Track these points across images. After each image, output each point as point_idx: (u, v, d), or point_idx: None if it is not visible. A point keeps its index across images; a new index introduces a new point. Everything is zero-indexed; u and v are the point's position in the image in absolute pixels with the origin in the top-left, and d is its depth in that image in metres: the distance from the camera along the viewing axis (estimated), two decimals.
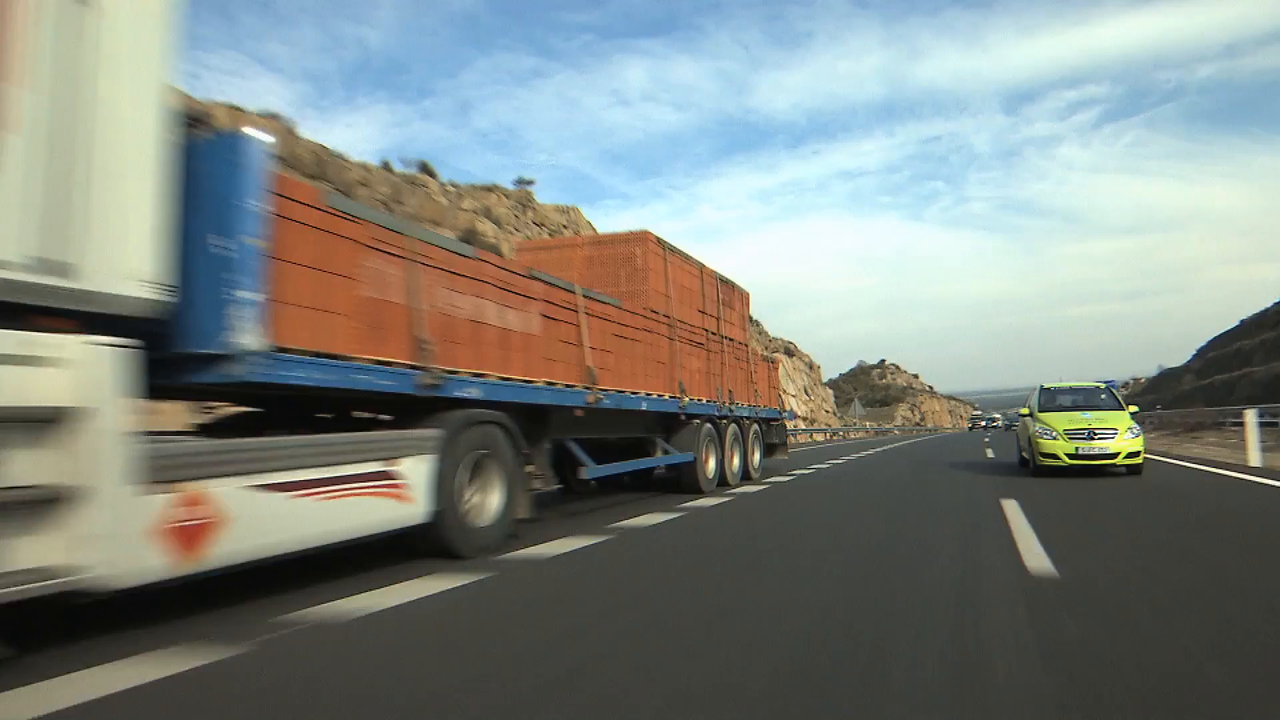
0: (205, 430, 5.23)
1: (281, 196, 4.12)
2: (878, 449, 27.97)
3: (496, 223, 22.45)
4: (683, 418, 10.20)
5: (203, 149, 3.83)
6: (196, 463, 3.58)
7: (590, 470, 7.81)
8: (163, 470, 3.36)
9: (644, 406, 8.95)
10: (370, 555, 5.32)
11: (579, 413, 7.55)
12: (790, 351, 45.37)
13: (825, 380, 60.69)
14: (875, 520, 7.78)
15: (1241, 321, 66.69)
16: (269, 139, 4.00)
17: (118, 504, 3.16)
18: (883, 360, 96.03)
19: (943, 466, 15.88)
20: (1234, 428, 23.31)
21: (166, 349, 3.74)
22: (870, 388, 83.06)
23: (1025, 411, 13.79)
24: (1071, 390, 14.34)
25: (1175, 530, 6.67)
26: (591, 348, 7.72)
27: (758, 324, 42.05)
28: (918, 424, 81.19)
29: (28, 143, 2.94)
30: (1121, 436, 11.90)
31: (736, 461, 11.94)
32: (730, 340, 12.56)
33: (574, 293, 7.56)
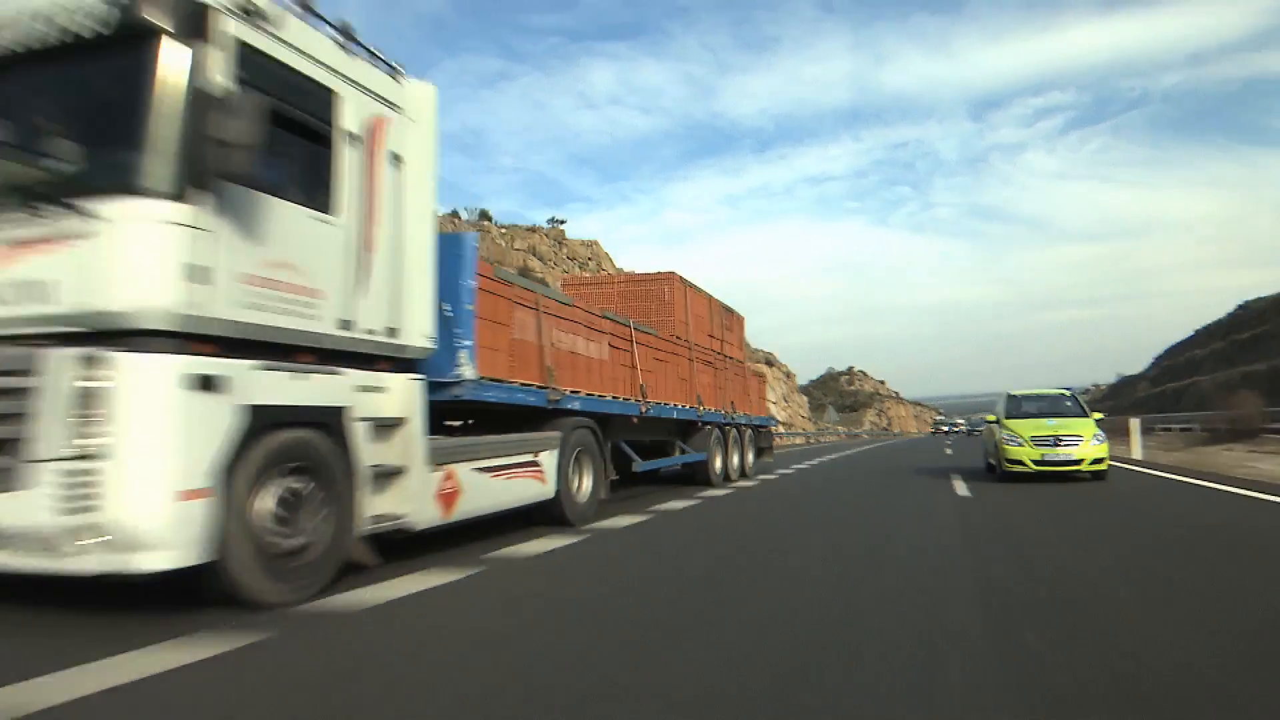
0: (447, 431, 7.04)
1: (479, 274, 6.12)
2: (852, 450, 30.63)
3: (540, 259, 24.85)
4: (699, 424, 12.22)
5: (441, 244, 5.78)
6: (451, 452, 5.55)
7: (639, 465, 9.84)
8: (437, 456, 5.35)
9: (674, 415, 10.98)
10: (503, 525, 7.29)
11: (634, 420, 9.57)
12: (770, 362, 47.91)
13: (798, 387, 63.27)
14: (865, 487, 10.33)
15: (1195, 331, 69.37)
16: (476, 234, 6.00)
17: (422, 477, 5.14)
18: (850, 367, 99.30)
19: (911, 460, 18.40)
20: (1163, 432, 26.47)
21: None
22: (840, 394, 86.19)
23: (992, 418, 14.01)
24: (1038, 397, 14.48)
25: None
26: (640, 369, 9.75)
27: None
28: (884, 429, 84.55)
29: (379, 258, 4.90)
30: (1086, 443, 12.18)
31: (736, 460, 13.99)
32: (731, 359, 14.65)
33: (629, 326, 9.59)
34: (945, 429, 72.76)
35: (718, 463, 12.88)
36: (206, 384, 3.64)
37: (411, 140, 5.22)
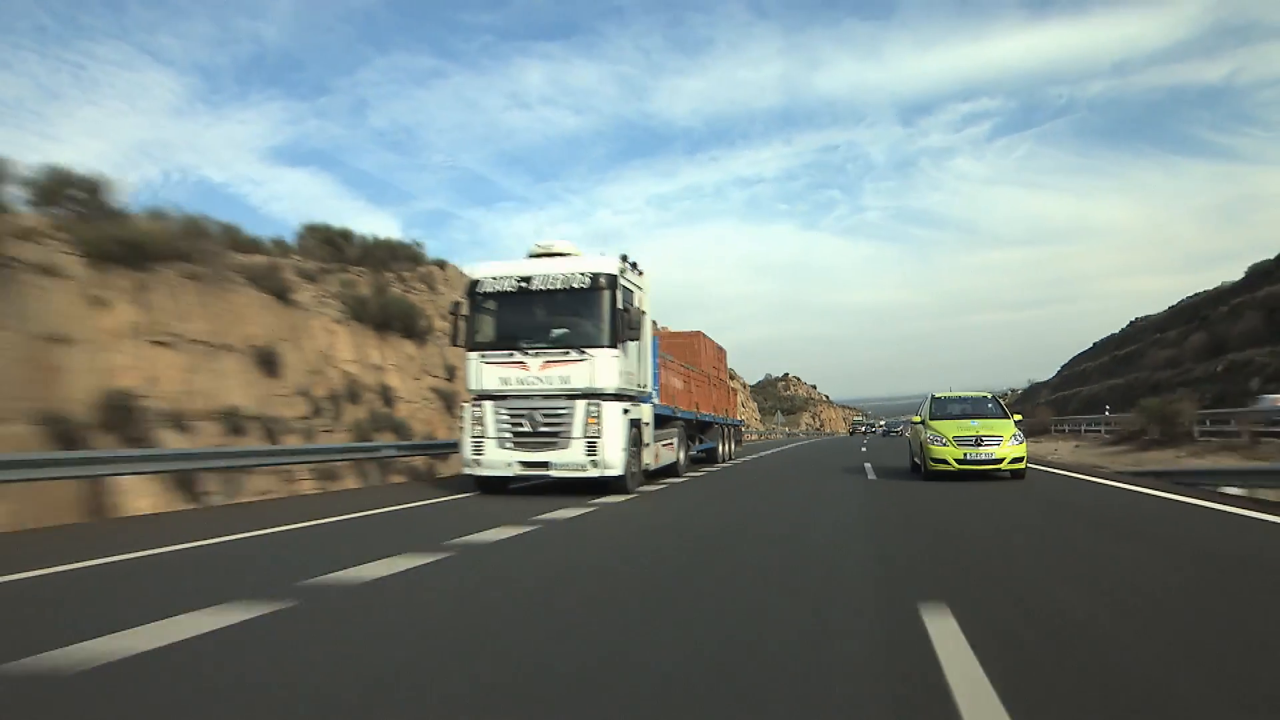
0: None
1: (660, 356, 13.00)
2: (792, 445, 38.98)
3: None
4: (712, 425, 19.20)
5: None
6: (655, 437, 12.41)
7: (695, 449, 16.77)
8: (652, 437, 12.21)
9: (705, 419, 17.92)
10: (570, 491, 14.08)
11: (694, 423, 16.46)
12: (732, 375, 55.84)
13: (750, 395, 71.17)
14: (807, 463, 17.55)
15: (1095, 343, 75.20)
16: (656, 340, 12.91)
17: (652, 447, 12.01)
18: (786, 374, 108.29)
19: (834, 451, 25.96)
20: (1088, 433, 34.10)
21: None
22: (778, 398, 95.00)
23: (917, 419, 14.65)
24: (961, 399, 14.86)
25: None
26: (694, 393, 16.67)
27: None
28: (818, 429, 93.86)
29: (644, 359, 11.75)
30: (1006, 443, 12.68)
31: (728, 448, 21.06)
32: (722, 380, 21.72)
33: (688, 369, 16.49)
34: (863, 430, 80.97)
35: (720, 449, 19.91)
36: (625, 411, 10.51)
37: (647, 302, 12.09)
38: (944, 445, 12.69)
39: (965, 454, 12.50)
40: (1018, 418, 13.98)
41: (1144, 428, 22.43)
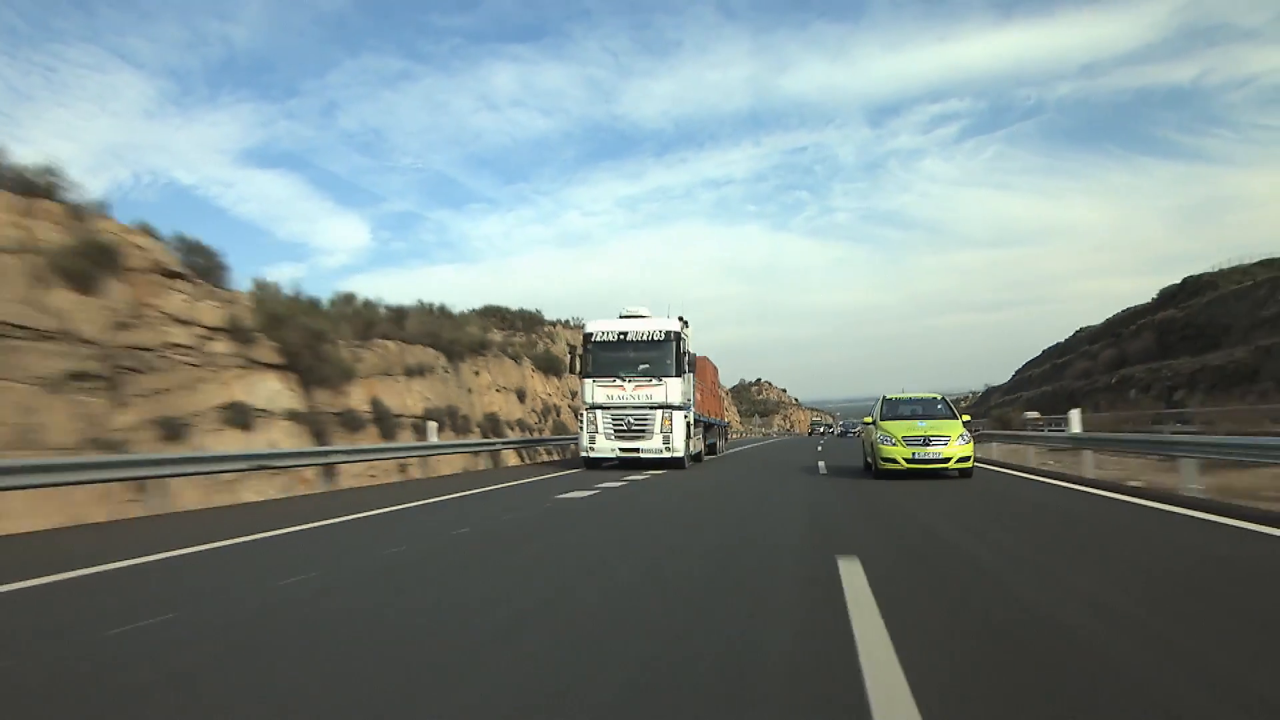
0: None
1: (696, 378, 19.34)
2: (766, 443, 46.63)
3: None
4: (714, 426, 25.48)
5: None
6: (694, 434, 18.74)
7: (728, 443, 23.21)
8: (696, 435, 18.53)
9: (712, 422, 24.20)
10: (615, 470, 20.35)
11: (706, 425, 22.76)
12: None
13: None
14: (777, 452, 24.56)
15: (1044, 350, 79.60)
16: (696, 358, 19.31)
17: (696, 439, 18.35)
18: (759, 379, 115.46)
19: (800, 444, 32.64)
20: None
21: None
22: (752, 402, 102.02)
23: (869, 420, 15.05)
24: (911, 401, 15.13)
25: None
26: (705, 402, 22.98)
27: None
28: (788, 430, 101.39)
29: (686, 381, 18.07)
30: (953, 443, 12.81)
31: (722, 443, 27.42)
32: (717, 392, 28.12)
33: (700, 384, 22.81)
34: (820, 431, 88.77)
35: (718, 444, 26.23)
36: (685, 417, 16.89)
37: (690, 343, 18.46)
38: (893, 445, 13.00)
39: (913, 453, 12.77)
40: (966, 418, 14.45)
41: (998, 427, 29.36)
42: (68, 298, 9.85)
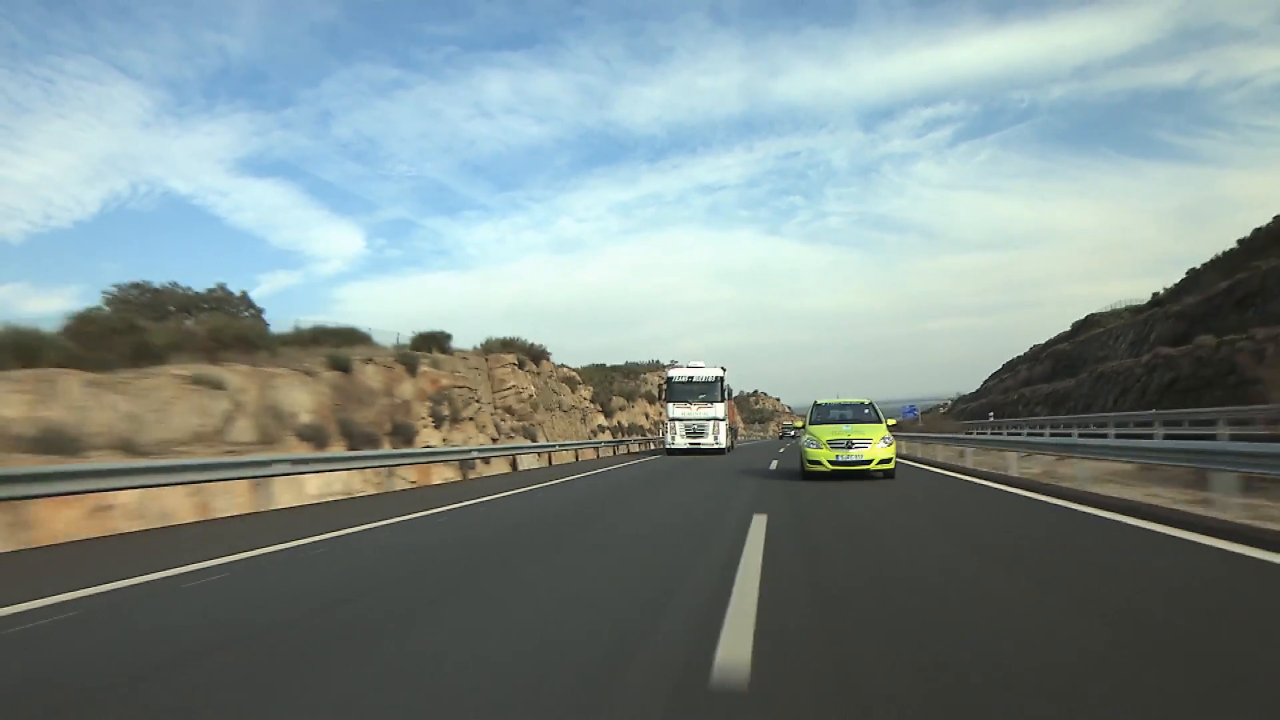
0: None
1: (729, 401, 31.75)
2: (761, 442, 60.15)
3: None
4: (734, 430, 37.92)
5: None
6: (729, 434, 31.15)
7: (737, 441, 35.58)
8: (729, 435, 30.93)
9: (733, 426, 36.59)
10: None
11: (732, 429, 35.08)
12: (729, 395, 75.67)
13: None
14: (762, 445, 37.33)
15: (1005, 362, 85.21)
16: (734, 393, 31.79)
17: (733, 438, 30.74)
18: (756, 390, 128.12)
19: (772, 447, 45.69)
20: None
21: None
22: (750, 410, 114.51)
23: (799, 424, 16.10)
24: (841, 405, 16.02)
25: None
26: (730, 416, 35.32)
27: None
28: (779, 435, 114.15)
29: (727, 404, 30.47)
30: (875, 446, 13.52)
31: (734, 442, 39.84)
32: (732, 406, 40.62)
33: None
34: (791, 434, 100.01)
35: (733, 443, 38.55)
36: (726, 425, 29.45)
37: (729, 379, 31.00)
38: (819, 448, 13.51)
39: (837, 456, 13.35)
40: (891, 422, 15.28)
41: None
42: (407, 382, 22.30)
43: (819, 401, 16.39)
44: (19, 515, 8.39)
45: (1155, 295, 47.38)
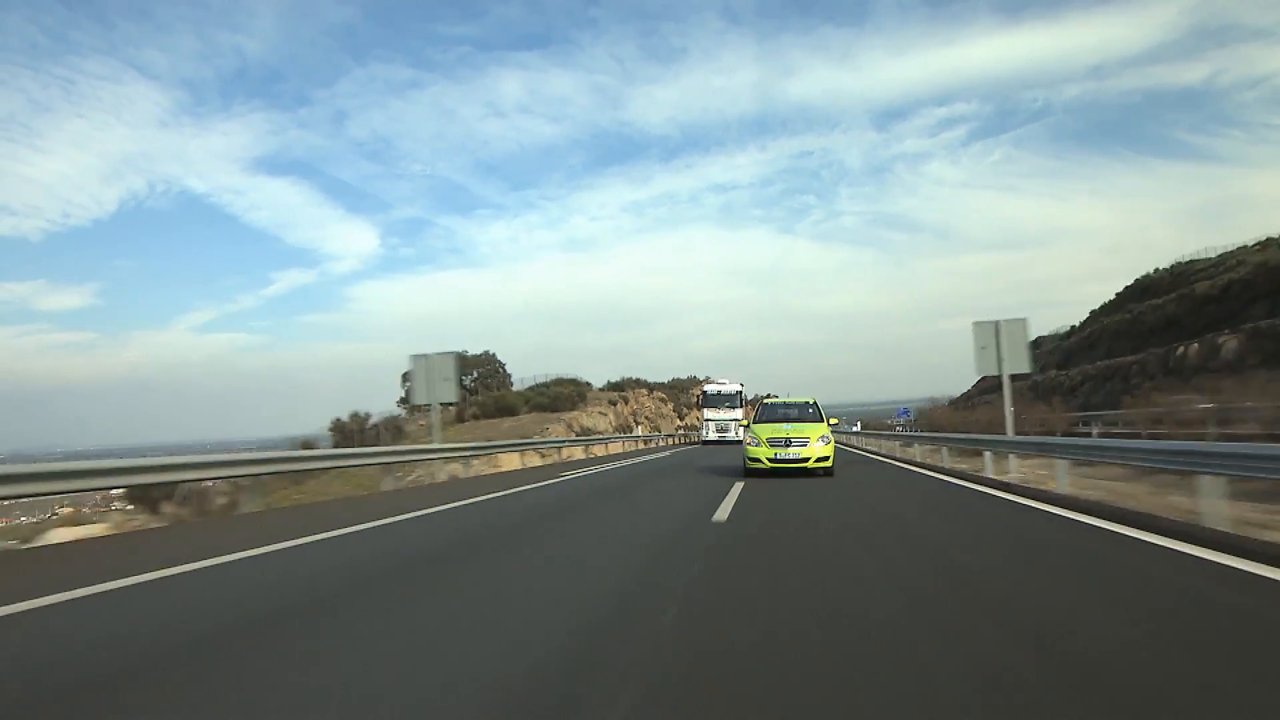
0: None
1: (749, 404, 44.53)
2: None
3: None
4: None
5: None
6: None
7: None
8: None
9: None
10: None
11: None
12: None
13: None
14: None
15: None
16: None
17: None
18: (769, 393, 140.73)
19: None
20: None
21: None
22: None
23: (744, 422, 17.38)
24: (785, 405, 16.94)
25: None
26: (746, 417, 47.99)
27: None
28: None
29: (743, 409, 43.24)
30: (813, 444, 14.29)
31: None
32: (749, 409, 53.29)
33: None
34: None
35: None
36: (744, 424, 42.14)
37: (744, 392, 43.80)
38: (759, 446, 14.46)
39: (775, 454, 14.27)
40: (834, 421, 16.36)
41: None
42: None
43: (765, 401, 17.77)
44: (493, 461, 21.51)
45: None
